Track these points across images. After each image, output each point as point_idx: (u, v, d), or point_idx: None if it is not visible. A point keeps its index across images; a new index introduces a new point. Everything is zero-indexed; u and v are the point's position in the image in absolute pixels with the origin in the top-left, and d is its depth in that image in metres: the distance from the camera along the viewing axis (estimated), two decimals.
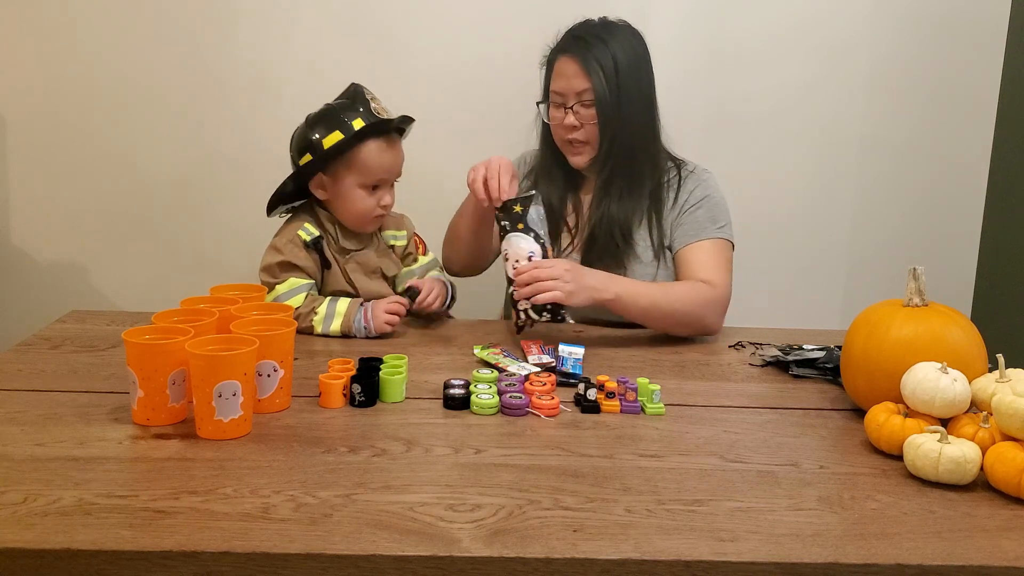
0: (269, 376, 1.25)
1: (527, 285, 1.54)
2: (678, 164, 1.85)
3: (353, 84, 1.72)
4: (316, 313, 1.64)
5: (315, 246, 1.69)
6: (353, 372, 1.33)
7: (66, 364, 1.46)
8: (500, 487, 1.06)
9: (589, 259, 1.77)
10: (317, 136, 1.66)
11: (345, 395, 1.31)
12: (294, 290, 1.66)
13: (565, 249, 1.84)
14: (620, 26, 1.80)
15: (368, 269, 1.75)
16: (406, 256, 1.83)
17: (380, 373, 1.33)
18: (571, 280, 1.55)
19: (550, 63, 1.82)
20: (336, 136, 1.64)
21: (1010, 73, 2.31)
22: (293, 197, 1.76)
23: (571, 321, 1.60)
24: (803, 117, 2.34)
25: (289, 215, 1.78)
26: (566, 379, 1.42)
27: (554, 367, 1.46)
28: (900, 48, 2.31)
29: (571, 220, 1.86)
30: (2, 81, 2.28)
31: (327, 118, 1.67)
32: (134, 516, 0.97)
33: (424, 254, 1.86)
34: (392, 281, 1.80)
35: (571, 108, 1.75)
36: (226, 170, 2.33)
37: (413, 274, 1.81)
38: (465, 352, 1.56)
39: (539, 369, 1.45)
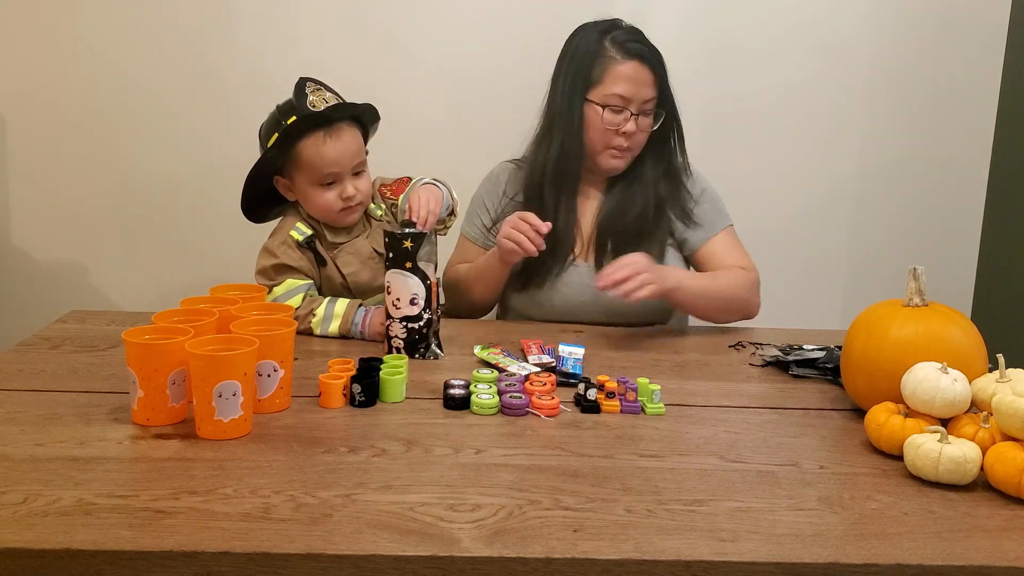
0: (269, 376, 1.25)
1: (627, 281, 1.56)
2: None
3: (299, 79, 1.69)
4: (314, 315, 1.64)
5: (308, 245, 1.69)
6: (353, 372, 1.33)
7: (66, 364, 1.45)
8: (500, 487, 1.06)
9: (603, 257, 1.79)
10: (264, 141, 1.65)
11: (345, 395, 1.31)
12: (292, 291, 1.66)
13: (572, 259, 1.82)
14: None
15: (363, 257, 1.73)
16: (392, 207, 1.78)
17: (380, 373, 1.33)
18: (655, 277, 1.60)
19: (601, 63, 1.74)
20: (274, 138, 1.63)
21: (1010, 73, 2.31)
22: (279, 200, 1.75)
23: (441, 354, 1.55)
24: (803, 117, 2.35)
25: (281, 217, 1.77)
26: (566, 379, 1.42)
27: (554, 367, 1.46)
28: (900, 48, 2.32)
29: (568, 223, 1.82)
30: (2, 80, 2.28)
31: (272, 122, 1.66)
32: (134, 516, 0.97)
33: (403, 190, 1.78)
34: None
35: (635, 115, 1.75)
36: (226, 170, 2.32)
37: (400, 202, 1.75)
38: (465, 352, 1.56)
39: (539, 369, 1.45)
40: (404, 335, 1.52)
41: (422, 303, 1.51)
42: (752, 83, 2.31)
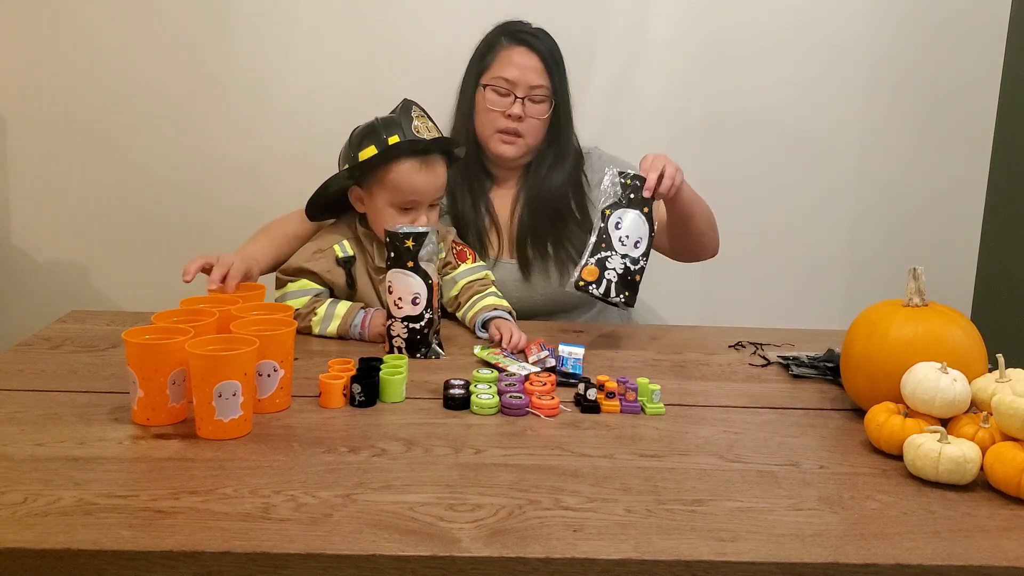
0: (269, 376, 1.25)
1: (664, 178, 1.59)
2: (584, 151, 1.95)
3: (404, 100, 1.66)
4: (315, 314, 1.64)
5: (345, 265, 1.68)
6: (353, 372, 1.33)
7: (66, 364, 1.45)
8: (500, 487, 1.06)
9: (525, 247, 1.84)
10: (356, 149, 1.63)
11: (345, 395, 1.31)
12: (303, 291, 1.66)
13: (494, 253, 1.87)
14: (549, 34, 1.87)
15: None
16: (444, 266, 1.75)
17: (380, 373, 1.33)
18: (678, 169, 1.63)
19: (492, 50, 1.86)
20: (370, 151, 1.60)
21: (1010, 73, 2.31)
22: (339, 205, 1.73)
23: (442, 354, 1.55)
24: (803, 117, 2.35)
25: (334, 221, 1.76)
26: (566, 379, 1.42)
27: (554, 367, 1.46)
28: (900, 48, 2.32)
29: (486, 221, 1.88)
30: (2, 81, 2.28)
31: (369, 131, 1.62)
32: (134, 516, 0.97)
33: (468, 261, 1.77)
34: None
35: (521, 99, 1.80)
36: (226, 170, 2.33)
37: (454, 281, 1.73)
38: (465, 352, 1.56)
39: (539, 369, 1.45)
40: (406, 335, 1.52)
41: (424, 303, 1.51)
42: (752, 83, 2.31)
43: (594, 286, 1.55)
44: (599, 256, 1.56)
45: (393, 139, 1.59)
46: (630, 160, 1.94)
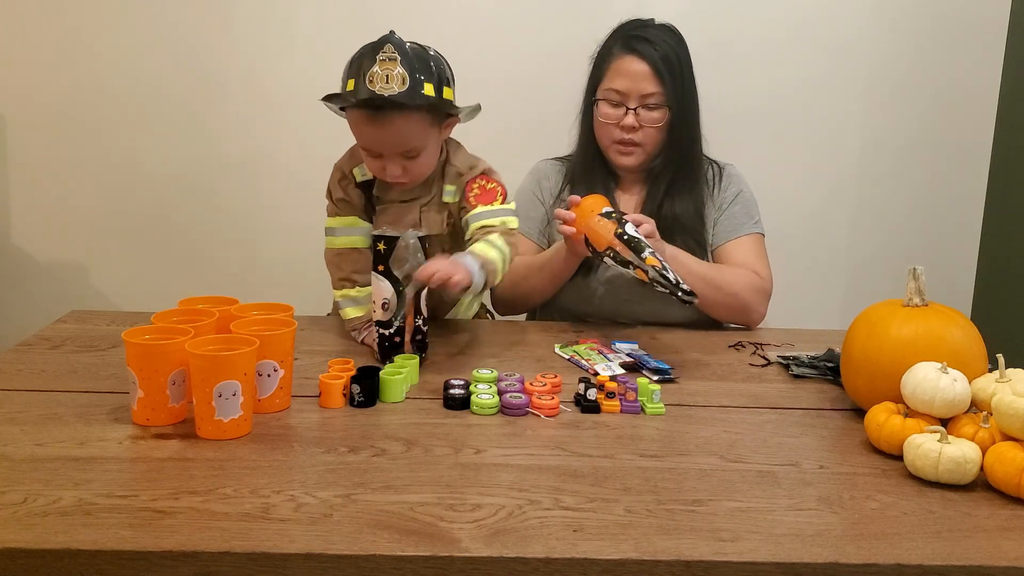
0: (269, 376, 1.25)
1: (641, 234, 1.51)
2: (712, 162, 1.89)
3: (390, 32, 1.51)
4: (347, 290, 1.59)
5: (365, 189, 1.59)
6: (353, 372, 1.33)
7: (66, 364, 1.45)
8: (500, 487, 1.06)
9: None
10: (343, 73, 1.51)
11: (345, 395, 1.31)
12: (353, 229, 1.60)
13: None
14: (672, 29, 1.81)
15: (404, 224, 1.57)
16: (461, 210, 1.62)
17: (380, 373, 1.33)
18: (657, 239, 1.59)
19: (606, 60, 1.79)
20: (349, 84, 1.48)
21: (1010, 73, 2.31)
22: None
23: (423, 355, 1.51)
24: (803, 117, 2.35)
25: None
26: (657, 375, 1.43)
27: (638, 365, 1.47)
28: (900, 48, 2.32)
29: None
30: (2, 81, 2.28)
31: (350, 63, 1.50)
32: (134, 516, 0.97)
33: (485, 203, 1.59)
34: (449, 239, 1.64)
35: (633, 109, 1.75)
36: (226, 170, 2.33)
37: (467, 223, 1.59)
38: (464, 352, 1.56)
39: (623, 370, 1.46)
40: (377, 339, 1.47)
41: (392, 309, 1.44)
42: (752, 83, 2.31)
43: (667, 271, 1.43)
44: (650, 249, 1.46)
45: (350, 84, 1.46)
46: (755, 183, 1.92)
